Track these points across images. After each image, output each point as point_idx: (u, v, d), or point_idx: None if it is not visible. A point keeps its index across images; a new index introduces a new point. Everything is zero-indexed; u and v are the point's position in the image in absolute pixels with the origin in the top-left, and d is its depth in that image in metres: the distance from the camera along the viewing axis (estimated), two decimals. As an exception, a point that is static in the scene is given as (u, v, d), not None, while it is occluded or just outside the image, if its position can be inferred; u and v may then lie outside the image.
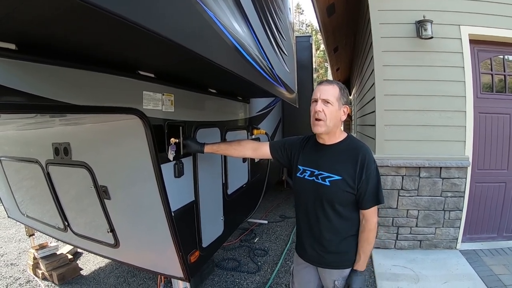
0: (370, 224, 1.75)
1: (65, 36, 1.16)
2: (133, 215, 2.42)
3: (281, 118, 6.95)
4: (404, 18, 3.98)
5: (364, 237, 1.77)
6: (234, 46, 1.55)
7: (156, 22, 0.93)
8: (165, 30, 0.97)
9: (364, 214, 1.76)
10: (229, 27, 1.45)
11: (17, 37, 1.15)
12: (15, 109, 1.31)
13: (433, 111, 3.98)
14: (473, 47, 4.03)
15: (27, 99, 1.27)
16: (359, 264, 1.79)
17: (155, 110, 2.06)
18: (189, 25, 1.13)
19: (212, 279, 3.64)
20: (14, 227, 5.67)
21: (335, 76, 12.11)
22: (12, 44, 1.16)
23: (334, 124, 1.75)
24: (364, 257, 1.79)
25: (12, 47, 1.16)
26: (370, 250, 1.80)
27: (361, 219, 1.79)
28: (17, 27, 1.04)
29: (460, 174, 3.97)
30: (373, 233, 1.78)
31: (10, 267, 4.13)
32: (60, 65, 1.39)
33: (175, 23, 1.03)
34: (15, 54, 1.18)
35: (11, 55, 1.18)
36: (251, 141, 2.34)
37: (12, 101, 1.22)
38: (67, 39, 1.20)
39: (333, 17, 6.31)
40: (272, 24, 2.61)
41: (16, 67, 1.21)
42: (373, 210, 1.75)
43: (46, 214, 3.26)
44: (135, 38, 1.16)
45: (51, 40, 1.20)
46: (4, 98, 1.19)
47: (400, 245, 4.16)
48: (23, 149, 3.03)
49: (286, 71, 3.29)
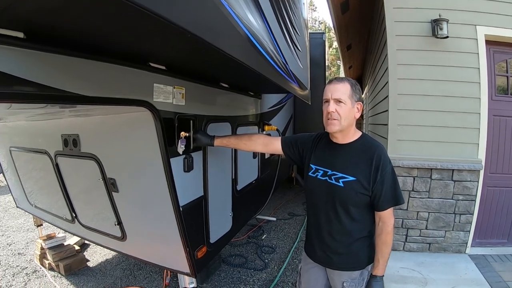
0: (387, 227, 1.70)
1: (75, 25, 1.12)
2: (140, 208, 2.41)
3: (292, 115, 6.90)
4: (419, 16, 3.91)
5: (382, 240, 1.71)
6: (249, 39, 1.51)
7: (171, 10, 0.89)
8: (180, 20, 0.93)
9: (381, 216, 1.70)
10: (244, 19, 1.41)
11: (26, 26, 1.12)
12: (24, 99, 1.28)
13: (446, 112, 3.90)
14: (488, 48, 3.94)
15: (37, 89, 1.25)
16: (378, 268, 1.73)
17: (166, 103, 2.03)
18: (205, 16, 1.10)
19: (218, 275, 3.63)
20: (22, 216, 5.74)
21: (347, 74, 12.00)
22: (20, 33, 1.13)
23: (348, 123, 1.70)
24: (383, 261, 1.72)
25: (21, 35, 1.14)
26: (388, 253, 1.73)
27: (377, 222, 1.73)
28: (25, 15, 1.01)
29: (472, 177, 3.89)
30: (390, 236, 1.72)
31: (18, 256, 4.17)
32: (69, 55, 1.36)
33: (191, 13, 1.00)
34: (24, 42, 1.16)
35: (20, 44, 1.15)
36: (263, 135, 2.28)
37: (21, 91, 1.20)
38: (77, 28, 1.17)
39: (347, 14, 6.23)
40: (287, 18, 2.57)
41: (25, 56, 1.18)
42: (390, 212, 1.70)
43: (54, 205, 3.27)
44: (149, 27, 1.13)
45: (61, 29, 1.17)
46: (13, 88, 1.17)
47: (409, 247, 4.11)
48: (32, 140, 3.03)
49: (300, 67, 3.24)
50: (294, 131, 6.98)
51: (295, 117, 7.10)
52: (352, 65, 10.90)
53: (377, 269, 1.73)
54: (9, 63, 1.13)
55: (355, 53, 9.15)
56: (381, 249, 1.72)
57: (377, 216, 1.73)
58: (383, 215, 1.70)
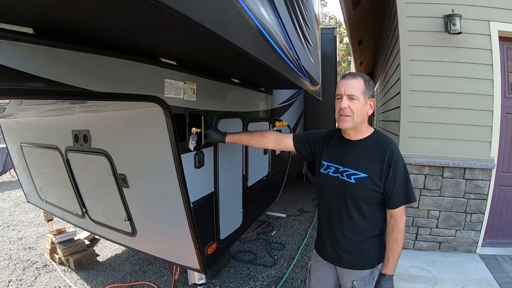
0: (399, 224, 1.67)
1: (86, 20, 1.11)
2: (151, 204, 2.41)
3: (303, 111, 6.87)
4: (432, 11, 3.83)
5: (393, 238, 1.68)
6: (262, 33, 1.49)
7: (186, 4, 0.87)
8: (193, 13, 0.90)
9: (392, 214, 1.68)
10: (257, 13, 1.39)
11: (35, 21, 1.11)
12: (35, 95, 1.28)
13: (459, 109, 3.84)
14: (502, 44, 3.86)
15: (47, 85, 1.24)
16: (388, 267, 1.70)
17: (177, 98, 2.03)
18: (220, 10, 1.08)
19: (227, 271, 3.63)
20: (33, 211, 5.81)
21: (358, 69, 11.86)
22: (29, 29, 1.13)
23: (361, 119, 1.67)
24: (393, 260, 1.69)
25: (30, 31, 1.13)
26: (399, 252, 1.70)
27: (388, 220, 1.71)
28: (34, 10, 1.00)
29: (484, 176, 3.83)
30: (402, 234, 1.68)
31: (28, 250, 4.22)
32: (79, 50, 1.36)
33: (206, 7, 0.98)
34: (33, 38, 1.15)
35: (29, 40, 1.14)
36: (274, 132, 2.26)
37: (31, 87, 1.19)
38: (88, 23, 1.16)
39: (358, 8, 6.17)
40: (299, 13, 2.53)
41: (34, 52, 1.18)
42: (401, 210, 1.67)
43: (65, 200, 3.30)
44: (163, 22, 1.11)
45: (71, 24, 1.16)
46: (24, 84, 1.16)
47: (419, 246, 4.07)
48: (43, 136, 3.06)
49: (311, 62, 3.22)
50: (305, 127, 6.95)
51: (306, 113, 7.07)
52: (363, 61, 10.79)
53: (387, 267, 1.70)
54: (19, 59, 1.12)
55: (366, 48, 9.06)
56: (392, 248, 1.69)
57: (388, 214, 1.70)
58: (395, 213, 1.67)
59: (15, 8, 0.94)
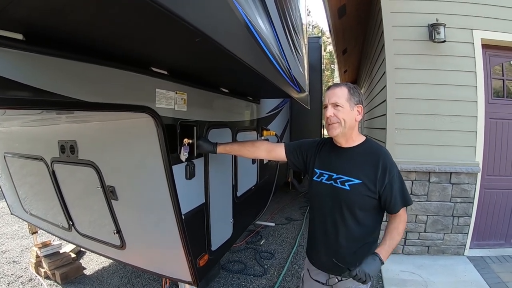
0: (401, 217, 1.71)
1: (78, 26, 1.07)
2: (141, 217, 2.36)
3: (289, 119, 6.93)
4: (416, 21, 3.94)
5: (395, 226, 1.69)
6: (259, 44, 1.49)
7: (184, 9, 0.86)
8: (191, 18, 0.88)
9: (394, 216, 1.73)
10: (255, 24, 1.39)
11: (25, 27, 1.07)
12: (21, 105, 1.22)
13: (444, 115, 3.94)
14: (485, 52, 3.99)
15: (34, 94, 1.18)
16: (383, 249, 1.61)
17: (168, 109, 2.00)
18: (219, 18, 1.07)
19: (218, 281, 3.59)
20: (17, 223, 5.62)
21: (342, 78, 12.01)
22: (19, 34, 1.08)
23: (349, 125, 1.69)
24: (390, 244, 1.63)
25: (20, 37, 1.08)
26: (397, 241, 1.68)
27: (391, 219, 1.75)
28: (25, 16, 0.96)
29: (470, 180, 3.93)
30: (403, 225, 1.71)
31: (12, 264, 4.07)
32: (69, 58, 1.31)
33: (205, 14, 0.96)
34: (22, 45, 1.10)
35: (18, 46, 1.09)
36: (265, 142, 2.27)
37: (18, 96, 1.14)
38: (79, 30, 1.12)
39: (343, 18, 6.26)
40: (289, 22, 2.55)
41: (23, 59, 1.13)
42: (402, 210, 1.71)
43: (50, 213, 3.20)
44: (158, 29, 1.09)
45: (61, 30, 1.11)
46: (10, 93, 1.11)
47: (408, 250, 4.12)
48: (27, 146, 2.97)
49: (300, 71, 3.23)
50: (291, 134, 7.02)
51: (292, 122, 7.14)
52: (347, 69, 10.91)
53: (381, 248, 1.62)
54: (7, 66, 1.08)
55: (351, 57, 9.18)
56: (391, 233, 1.68)
57: (390, 217, 1.75)
58: (397, 215, 1.72)
59: (5, 12, 0.90)
